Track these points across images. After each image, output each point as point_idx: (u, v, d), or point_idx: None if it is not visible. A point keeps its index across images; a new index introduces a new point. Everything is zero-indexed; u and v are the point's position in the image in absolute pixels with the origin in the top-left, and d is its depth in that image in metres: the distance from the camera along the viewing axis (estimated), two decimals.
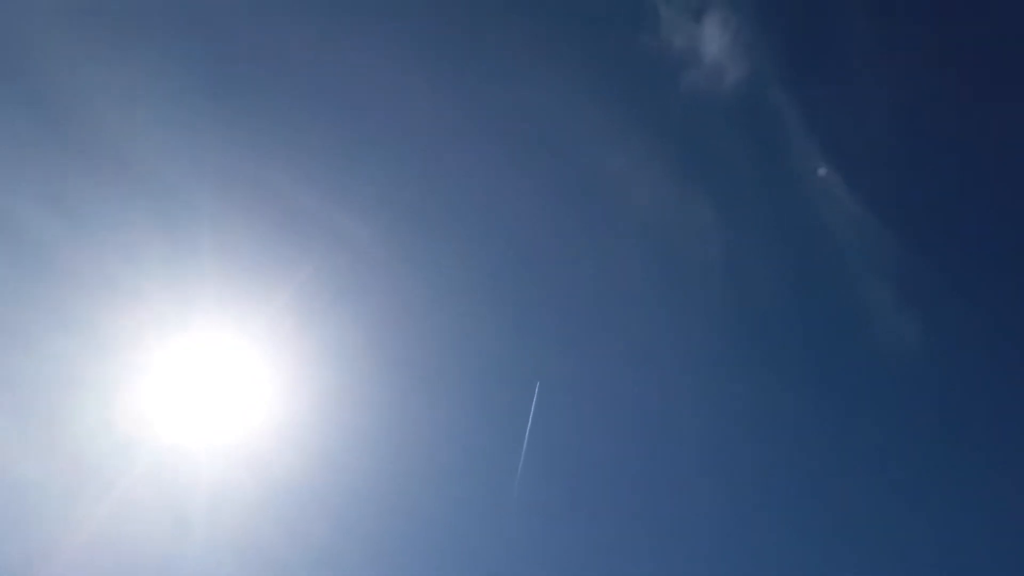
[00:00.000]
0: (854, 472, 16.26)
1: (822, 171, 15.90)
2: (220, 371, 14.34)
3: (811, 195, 16.43)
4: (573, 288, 16.06)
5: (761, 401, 15.91)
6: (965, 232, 16.51)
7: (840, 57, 16.08)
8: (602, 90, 16.05)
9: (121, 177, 14.36)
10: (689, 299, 16.16)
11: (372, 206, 14.75)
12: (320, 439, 14.36)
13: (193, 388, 14.25)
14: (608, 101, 15.95)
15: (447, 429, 14.67)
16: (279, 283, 14.30)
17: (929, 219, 16.52)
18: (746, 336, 16.41)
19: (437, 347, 14.61)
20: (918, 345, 16.03)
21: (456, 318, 14.64)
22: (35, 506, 13.87)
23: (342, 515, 14.25)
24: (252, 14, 14.54)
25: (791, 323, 16.32)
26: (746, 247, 16.37)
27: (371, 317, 14.43)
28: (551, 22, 15.66)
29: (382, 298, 14.61)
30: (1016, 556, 15.46)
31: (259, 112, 15.08)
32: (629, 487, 15.39)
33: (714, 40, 15.67)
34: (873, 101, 16.18)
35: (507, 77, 15.56)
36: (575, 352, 15.43)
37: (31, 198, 14.09)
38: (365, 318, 14.41)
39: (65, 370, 13.78)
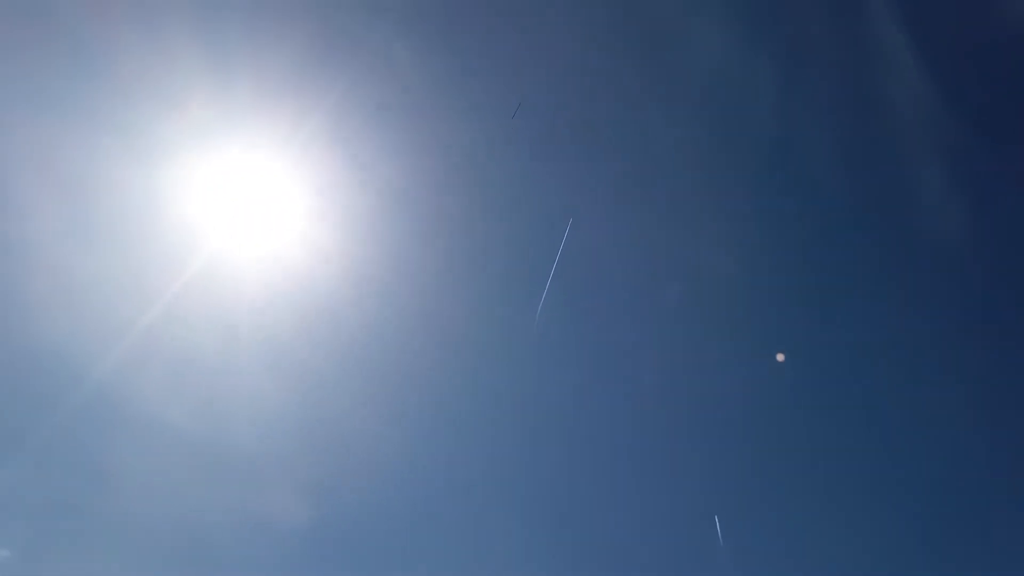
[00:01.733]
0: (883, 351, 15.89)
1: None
2: (260, 186, 14.47)
3: (877, 63, 15.29)
4: (615, 131, 15.55)
5: (795, 261, 15.60)
6: None
7: None
8: None
9: None
10: (732, 158, 15.60)
11: (410, 25, 14.29)
12: (356, 261, 14.58)
13: (236, 201, 14.47)
14: None
15: (479, 256, 14.90)
16: (315, 99, 14.15)
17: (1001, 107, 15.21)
18: (788, 203, 15.82)
19: (472, 172, 14.48)
20: (963, 232, 15.30)
21: (493, 144, 14.38)
22: (85, 311, 14.61)
23: (375, 334, 14.72)
24: None
25: (836, 194, 15.70)
26: (799, 111, 15.50)
27: (406, 140, 14.29)
28: None
29: (418, 121, 14.38)
30: None
31: None
32: (651, 327, 15.42)
33: None
34: None
35: None
36: (609, 196, 15.17)
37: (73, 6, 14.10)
38: (400, 141, 14.29)
39: (110, 174, 14.10)
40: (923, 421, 15.87)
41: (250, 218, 14.59)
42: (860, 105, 15.40)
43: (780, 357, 15.25)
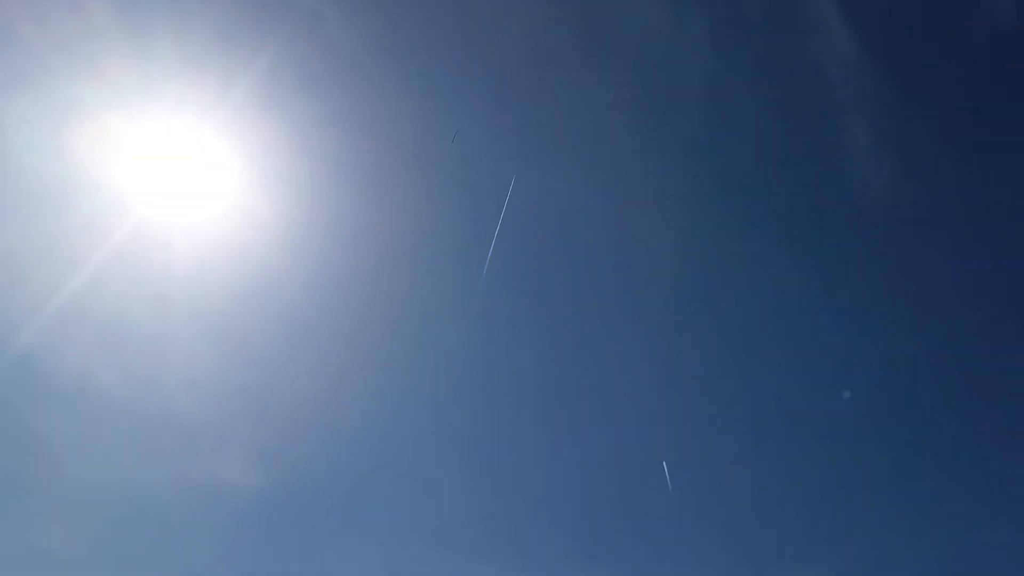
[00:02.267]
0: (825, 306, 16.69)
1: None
2: (188, 149, 14.22)
3: (804, 27, 15.47)
4: (554, 99, 15.56)
5: (735, 230, 16.01)
6: (957, 82, 15.69)
7: None
8: None
9: None
10: (671, 125, 15.82)
11: None
12: (294, 216, 14.55)
13: (161, 165, 14.21)
14: None
15: (419, 219, 14.88)
16: (245, 63, 13.88)
17: (924, 65, 15.76)
18: (725, 164, 16.12)
19: (410, 136, 14.39)
20: (892, 187, 15.91)
21: (431, 107, 14.31)
22: (13, 273, 14.34)
23: (315, 296, 14.80)
24: None
25: (771, 157, 16.01)
26: (734, 75, 15.71)
27: (340, 104, 14.14)
28: None
29: (352, 86, 14.22)
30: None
31: None
32: (600, 294, 15.92)
33: None
34: None
35: None
36: (552, 161, 15.29)
37: None
38: (334, 104, 14.11)
39: (35, 136, 13.68)
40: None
41: (177, 183, 14.39)
42: (792, 65, 15.70)
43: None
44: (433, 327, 15.51)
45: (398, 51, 14.34)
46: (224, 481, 14.96)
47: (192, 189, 14.51)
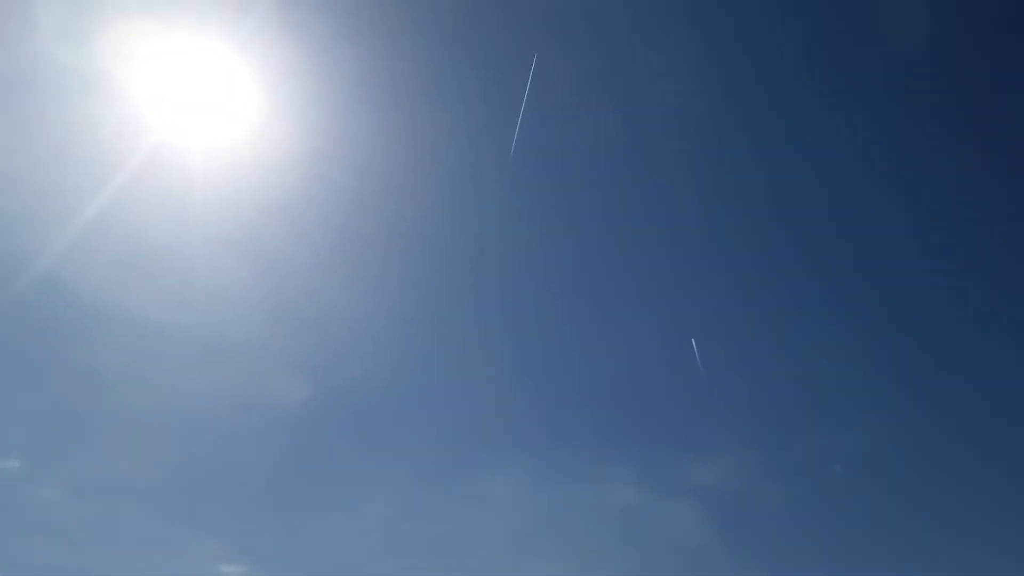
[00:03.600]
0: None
1: None
2: (209, 69, 14.43)
3: None
4: None
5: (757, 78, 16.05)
6: None
7: None
8: None
9: None
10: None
11: None
12: (314, 133, 14.75)
13: (184, 84, 14.41)
14: None
15: (443, 107, 15.04)
16: None
17: None
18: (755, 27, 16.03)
19: (433, 24, 14.62)
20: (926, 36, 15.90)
21: (449, 23, 14.59)
22: (35, 198, 14.38)
23: (335, 207, 15.01)
24: None
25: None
26: None
27: (358, 21, 14.43)
28: None
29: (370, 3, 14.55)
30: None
31: None
32: (620, 161, 16.14)
33: None
34: None
35: None
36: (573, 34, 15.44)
37: None
38: (352, 22, 14.42)
39: (54, 57, 13.79)
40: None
41: (197, 103, 14.57)
42: None
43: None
44: (460, 225, 15.80)
45: None
46: (256, 396, 15.07)
47: (212, 109, 14.72)
